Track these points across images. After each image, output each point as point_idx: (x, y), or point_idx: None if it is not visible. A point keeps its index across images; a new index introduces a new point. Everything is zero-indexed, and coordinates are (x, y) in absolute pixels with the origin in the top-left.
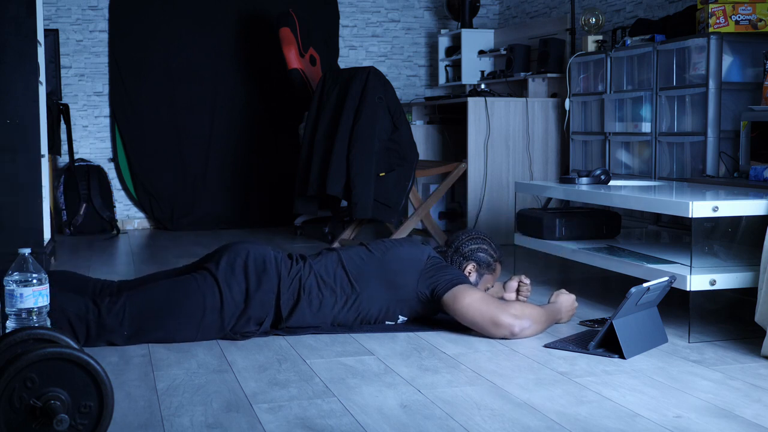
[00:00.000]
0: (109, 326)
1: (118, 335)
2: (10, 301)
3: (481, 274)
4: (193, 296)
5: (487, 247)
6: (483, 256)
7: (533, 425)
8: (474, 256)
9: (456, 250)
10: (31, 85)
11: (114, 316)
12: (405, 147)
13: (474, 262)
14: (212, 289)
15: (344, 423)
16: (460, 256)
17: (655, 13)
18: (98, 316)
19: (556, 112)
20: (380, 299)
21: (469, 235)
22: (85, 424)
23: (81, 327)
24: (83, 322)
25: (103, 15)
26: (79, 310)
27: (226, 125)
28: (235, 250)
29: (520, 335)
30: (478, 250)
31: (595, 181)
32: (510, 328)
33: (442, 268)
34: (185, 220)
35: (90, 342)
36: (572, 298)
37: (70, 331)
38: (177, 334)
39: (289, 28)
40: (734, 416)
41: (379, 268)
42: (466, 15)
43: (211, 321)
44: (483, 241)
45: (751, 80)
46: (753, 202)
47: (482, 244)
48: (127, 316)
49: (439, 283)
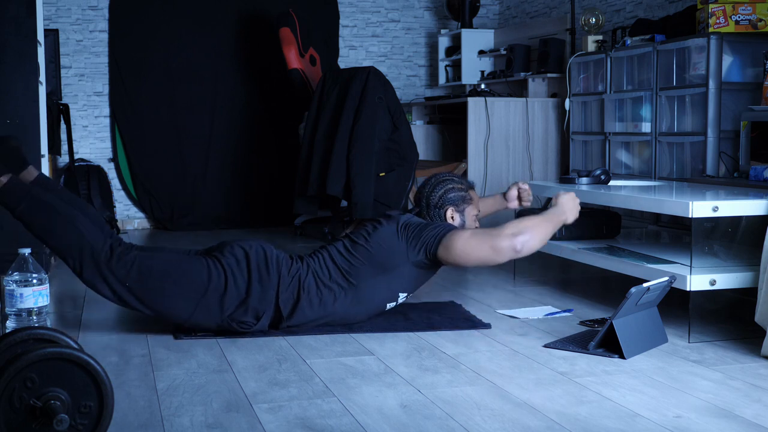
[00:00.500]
0: (115, 271)
1: (119, 283)
2: (10, 301)
3: (462, 210)
4: (200, 273)
5: (452, 185)
6: (453, 195)
7: (533, 425)
8: (446, 200)
9: (428, 205)
10: (31, 85)
11: (123, 264)
12: (405, 147)
13: (449, 205)
14: (219, 272)
15: (344, 423)
16: (435, 208)
17: (655, 13)
18: (109, 258)
19: (556, 112)
20: (379, 285)
21: (430, 185)
22: (85, 424)
23: (89, 258)
24: (94, 255)
25: (103, 15)
26: (95, 243)
27: (226, 125)
28: (239, 245)
29: (525, 249)
30: (445, 192)
31: (595, 181)
32: (511, 247)
33: (424, 227)
34: (185, 220)
35: (88, 274)
36: (572, 195)
37: (78, 255)
38: (174, 304)
39: (289, 28)
40: (734, 416)
41: (368, 256)
42: (466, 15)
43: (211, 302)
44: (444, 182)
45: (751, 80)
46: (753, 202)
47: (446, 185)
48: (135, 269)
49: (427, 241)
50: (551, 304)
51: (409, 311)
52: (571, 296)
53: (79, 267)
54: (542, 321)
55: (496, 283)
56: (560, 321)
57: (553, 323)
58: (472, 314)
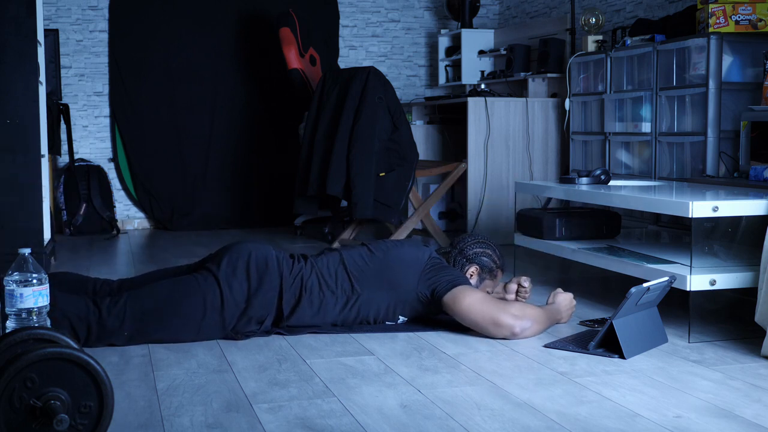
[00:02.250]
0: (110, 327)
1: (119, 336)
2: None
3: (482, 278)
4: (193, 296)
5: (491, 252)
6: (486, 260)
7: (533, 425)
8: (477, 259)
9: (460, 251)
10: (31, 85)
11: (115, 317)
12: (405, 147)
13: (477, 265)
14: (213, 289)
15: (344, 423)
16: (464, 258)
17: (655, 13)
18: (99, 317)
19: (556, 112)
20: (380, 300)
21: (475, 239)
22: (85, 424)
23: (82, 328)
24: (84, 323)
25: (103, 15)
26: (79, 312)
27: (226, 125)
28: (237, 251)
29: (521, 335)
30: (482, 254)
31: (595, 181)
32: (511, 328)
33: (443, 269)
34: (185, 220)
35: (90, 343)
36: (570, 297)
37: (71, 332)
38: (178, 334)
39: (289, 28)
40: (734, 416)
41: (380, 269)
42: (466, 15)
43: (211, 321)
44: (487, 246)
45: (751, 80)
46: (753, 202)
47: (487, 249)
48: (128, 317)
49: (439, 283)
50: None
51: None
52: None
53: (81, 340)
54: None
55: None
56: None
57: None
58: None
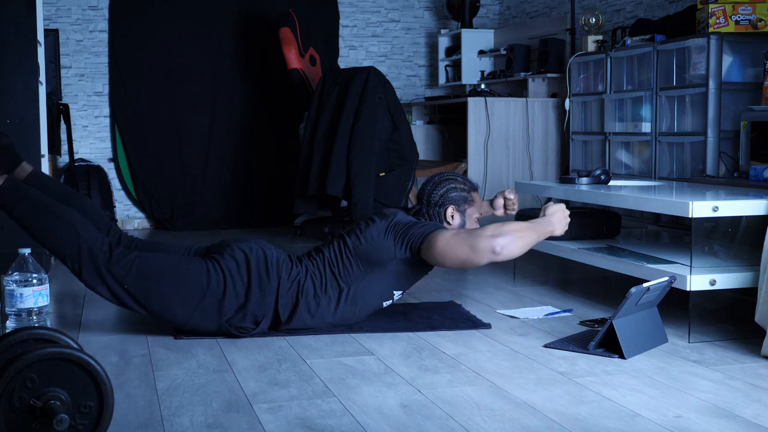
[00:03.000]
0: (114, 272)
1: (117, 285)
2: (10, 301)
3: (463, 210)
4: (199, 275)
5: (454, 185)
6: (455, 194)
7: (533, 425)
8: (447, 198)
9: (428, 203)
10: (31, 85)
11: (122, 266)
12: (405, 147)
13: (450, 205)
14: (218, 277)
15: (344, 423)
16: (436, 207)
17: (655, 13)
18: (108, 259)
19: (556, 112)
20: (372, 284)
21: (433, 183)
22: (85, 424)
23: (87, 258)
24: (91, 256)
25: (103, 15)
26: (93, 244)
27: (226, 125)
28: (239, 247)
29: (504, 253)
30: (447, 191)
31: (595, 181)
32: (490, 248)
33: (412, 225)
34: (185, 220)
35: (88, 276)
36: (562, 206)
37: (76, 256)
38: (172, 308)
39: (289, 28)
40: (734, 416)
41: (359, 256)
42: (466, 15)
43: (209, 305)
44: (447, 180)
45: (751, 80)
46: (753, 202)
47: (449, 184)
48: (134, 270)
49: (412, 239)
50: (551, 304)
51: (409, 311)
52: (571, 296)
53: (78, 268)
54: (542, 321)
55: (496, 283)
56: (560, 321)
57: (553, 323)
58: (472, 314)
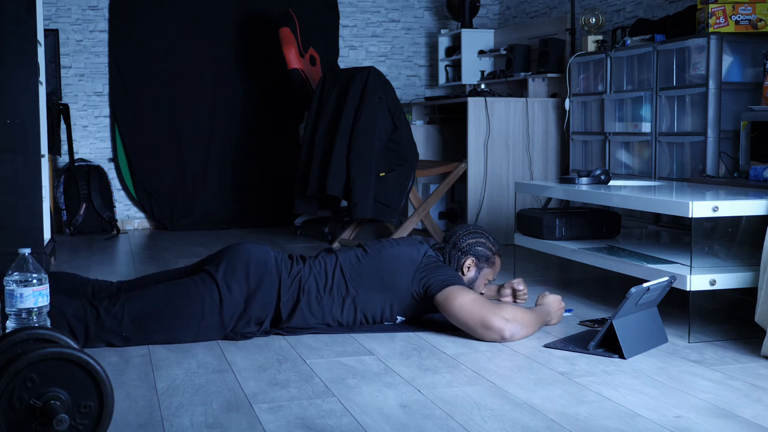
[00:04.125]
0: (108, 327)
1: (117, 336)
2: (10, 301)
3: (480, 268)
4: (191, 298)
5: (485, 241)
6: (481, 249)
7: (533, 425)
8: (472, 250)
9: (454, 245)
10: (31, 85)
11: (113, 318)
12: (405, 147)
13: (473, 257)
14: (211, 290)
15: (344, 423)
16: (458, 251)
17: (655, 13)
18: (97, 317)
19: (556, 112)
20: (377, 300)
21: (466, 229)
22: (85, 424)
23: (80, 328)
24: (82, 323)
25: (103, 15)
26: (77, 312)
27: (226, 125)
28: (236, 252)
29: (510, 339)
30: (476, 244)
31: (595, 181)
32: (500, 332)
33: (437, 267)
34: (185, 220)
35: (89, 343)
36: (558, 298)
37: (69, 332)
38: (177, 335)
39: (289, 28)
40: (734, 416)
41: (376, 268)
42: (466, 15)
43: (210, 322)
44: (481, 234)
45: (751, 80)
46: (753, 202)
47: (480, 238)
48: (126, 318)
49: (432, 282)
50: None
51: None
52: (571, 296)
53: (82, 341)
54: None
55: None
56: (560, 321)
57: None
58: None
